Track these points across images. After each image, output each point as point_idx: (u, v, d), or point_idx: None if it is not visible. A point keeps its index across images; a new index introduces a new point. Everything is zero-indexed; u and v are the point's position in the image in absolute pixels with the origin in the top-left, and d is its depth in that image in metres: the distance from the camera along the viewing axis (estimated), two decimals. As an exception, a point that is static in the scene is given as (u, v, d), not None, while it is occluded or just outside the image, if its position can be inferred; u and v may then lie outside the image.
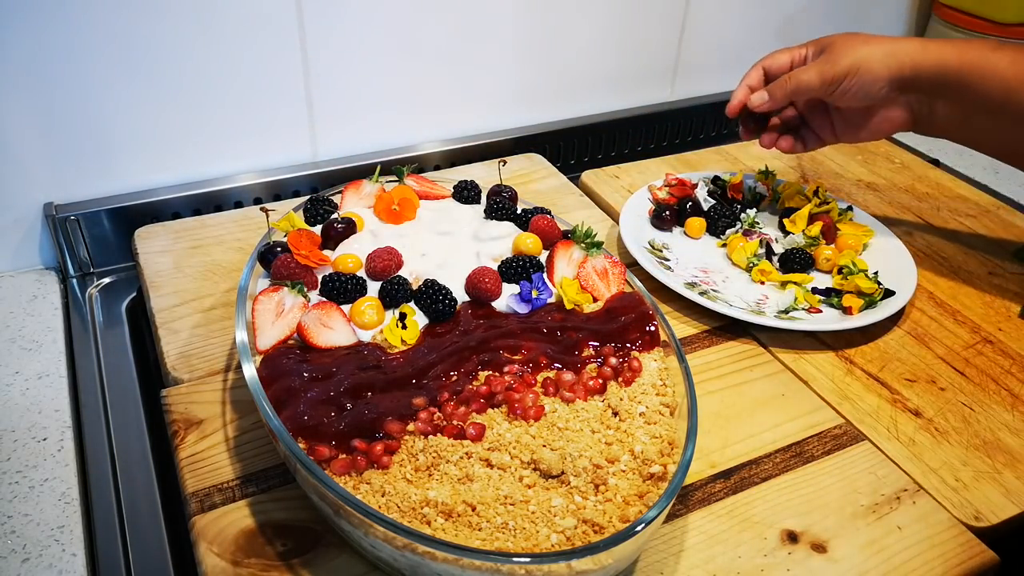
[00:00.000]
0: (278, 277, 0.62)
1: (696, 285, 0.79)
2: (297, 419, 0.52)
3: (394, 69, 0.92)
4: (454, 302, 0.63)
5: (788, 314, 0.76)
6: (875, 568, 0.55)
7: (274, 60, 0.85)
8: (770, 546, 0.56)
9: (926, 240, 0.92)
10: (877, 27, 1.25)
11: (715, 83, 1.16)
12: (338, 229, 0.69)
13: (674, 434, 0.55)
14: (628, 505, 0.50)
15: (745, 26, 1.13)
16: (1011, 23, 1.12)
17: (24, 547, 0.55)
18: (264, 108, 0.87)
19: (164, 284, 0.76)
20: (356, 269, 0.65)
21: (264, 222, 0.69)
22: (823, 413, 0.68)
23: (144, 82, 0.80)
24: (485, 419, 0.55)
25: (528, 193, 0.93)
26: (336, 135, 0.93)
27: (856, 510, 0.59)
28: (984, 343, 0.77)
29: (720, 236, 0.87)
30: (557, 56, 1.01)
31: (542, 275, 0.67)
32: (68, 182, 0.82)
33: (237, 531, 0.54)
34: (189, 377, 0.66)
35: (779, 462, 0.63)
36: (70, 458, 0.62)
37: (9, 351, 0.71)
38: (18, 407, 0.66)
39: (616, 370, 0.60)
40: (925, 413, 0.68)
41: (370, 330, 0.61)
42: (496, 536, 0.48)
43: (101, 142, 0.81)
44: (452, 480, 0.51)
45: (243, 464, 0.59)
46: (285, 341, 0.59)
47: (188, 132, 0.85)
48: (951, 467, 0.63)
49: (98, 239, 0.83)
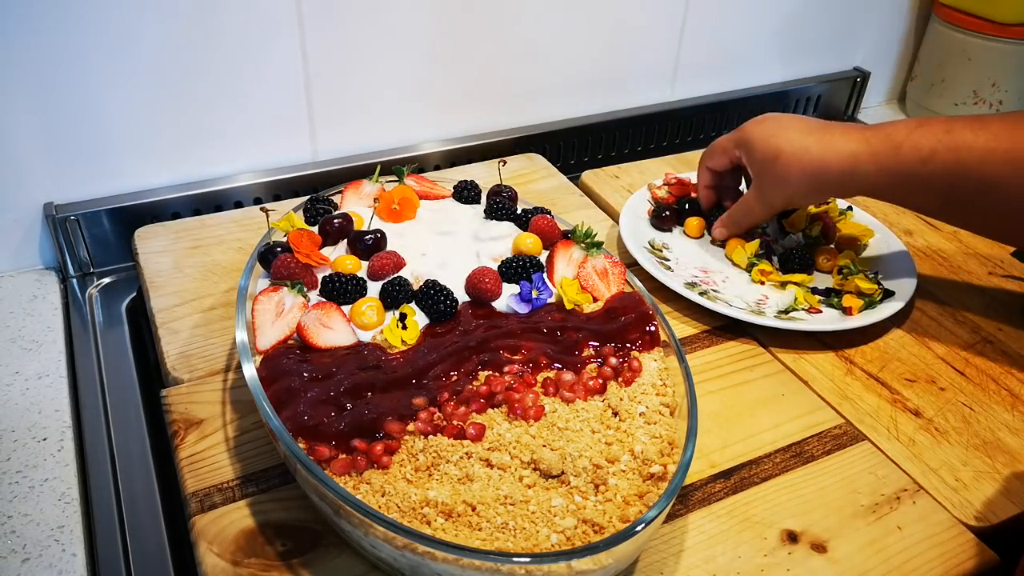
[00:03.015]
0: (278, 277, 0.62)
1: (696, 285, 0.79)
2: (297, 419, 0.52)
3: (394, 69, 0.92)
4: (455, 302, 0.63)
5: (788, 314, 0.76)
6: (875, 568, 0.55)
7: (274, 60, 0.85)
8: (770, 546, 0.56)
9: (926, 240, 0.92)
10: (877, 27, 1.25)
11: (715, 83, 1.16)
12: (335, 225, 0.68)
13: (674, 434, 0.55)
14: (628, 505, 0.50)
15: (745, 26, 1.13)
16: (1011, 23, 1.12)
17: (24, 547, 0.55)
18: (264, 108, 0.87)
19: (164, 284, 0.76)
20: (356, 269, 0.65)
21: (264, 222, 0.69)
22: (823, 413, 0.68)
23: (144, 82, 0.80)
24: (485, 419, 0.55)
25: (528, 193, 0.93)
26: (336, 135, 0.93)
27: (856, 510, 0.59)
28: (984, 343, 0.77)
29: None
30: (557, 56, 1.01)
31: (542, 275, 0.67)
32: (68, 182, 0.82)
33: (237, 531, 0.54)
34: (189, 377, 0.66)
35: (779, 462, 0.63)
36: (70, 458, 0.62)
37: (9, 351, 0.71)
38: (18, 407, 0.66)
39: (616, 370, 0.60)
40: (925, 413, 0.68)
41: (370, 331, 0.61)
42: (496, 536, 0.48)
43: (101, 142, 0.81)
44: (452, 480, 0.51)
45: (243, 464, 0.59)
46: (285, 341, 0.59)
47: (188, 132, 0.85)
48: (951, 467, 0.63)
49: (98, 239, 0.83)
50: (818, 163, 0.71)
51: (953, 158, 0.65)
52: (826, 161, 0.71)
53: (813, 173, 0.72)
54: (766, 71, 1.20)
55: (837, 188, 0.73)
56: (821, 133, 0.72)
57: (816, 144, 0.72)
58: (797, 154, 0.72)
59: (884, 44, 1.29)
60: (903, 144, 0.68)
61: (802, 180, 0.73)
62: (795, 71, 1.22)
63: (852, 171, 0.70)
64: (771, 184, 0.75)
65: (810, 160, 0.72)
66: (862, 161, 0.70)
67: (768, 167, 0.74)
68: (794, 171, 0.72)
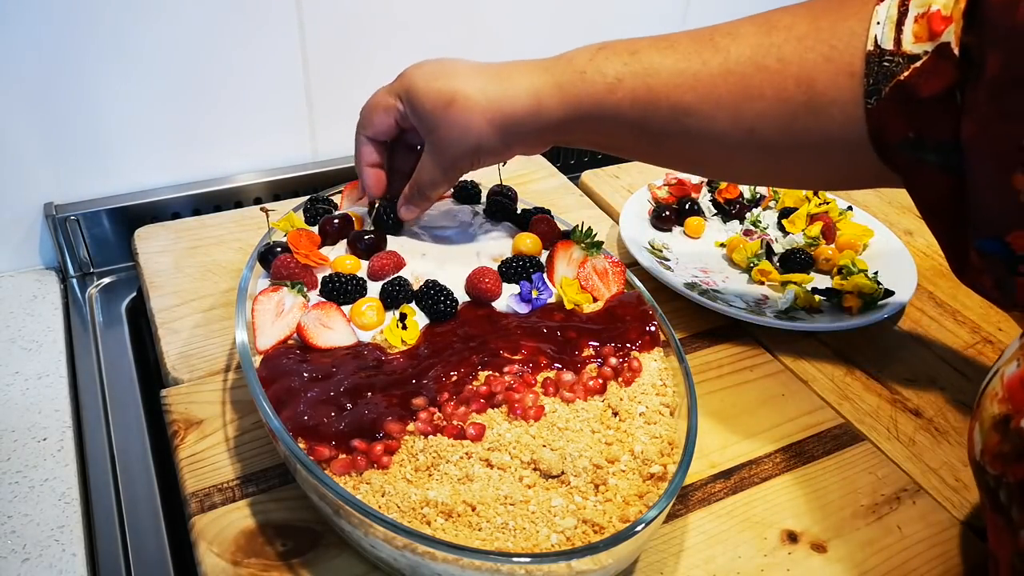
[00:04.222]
0: (278, 277, 0.62)
1: (696, 285, 0.79)
2: (297, 419, 0.52)
3: (394, 69, 0.92)
4: (455, 302, 0.63)
5: (788, 314, 0.76)
6: (875, 568, 0.55)
7: (274, 60, 0.85)
8: (770, 546, 0.56)
9: (926, 240, 0.92)
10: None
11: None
12: (335, 225, 0.68)
13: (674, 434, 0.55)
14: (628, 505, 0.50)
15: (745, 26, 1.13)
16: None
17: (24, 547, 0.55)
18: (264, 108, 0.87)
19: (164, 284, 0.76)
20: (356, 269, 0.65)
21: (264, 222, 0.69)
22: (823, 413, 0.68)
23: (144, 82, 0.80)
24: (485, 419, 0.55)
25: (528, 193, 0.93)
26: (336, 135, 0.93)
27: (856, 510, 0.59)
28: (984, 343, 0.77)
29: (724, 224, 0.88)
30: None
31: (542, 275, 0.67)
32: (68, 182, 0.82)
33: (237, 531, 0.54)
34: (189, 377, 0.66)
35: (779, 462, 0.63)
36: (70, 458, 0.62)
37: (9, 351, 0.71)
38: (18, 407, 0.66)
39: (616, 370, 0.60)
40: (925, 413, 0.68)
41: (370, 331, 0.61)
42: (496, 536, 0.48)
43: (101, 142, 0.81)
44: (452, 480, 0.51)
45: (243, 464, 0.59)
46: (285, 341, 0.59)
47: (188, 132, 0.85)
48: (951, 467, 0.63)
49: (98, 239, 0.83)
50: (500, 105, 0.59)
51: (641, 83, 0.56)
52: (509, 100, 0.59)
53: (497, 118, 0.59)
54: (766, 71, 1.20)
55: (525, 135, 0.60)
56: (498, 69, 0.60)
57: (495, 82, 0.59)
58: (475, 96, 0.59)
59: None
60: (585, 71, 0.57)
61: (486, 128, 0.59)
62: (795, 71, 1.22)
63: (536, 110, 0.59)
64: (449, 138, 0.61)
65: (490, 103, 0.59)
66: (545, 95, 0.58)
67: (441, 117, 0.60)
68: (476, 118, 0.59)
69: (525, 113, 0.59)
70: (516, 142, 0.62)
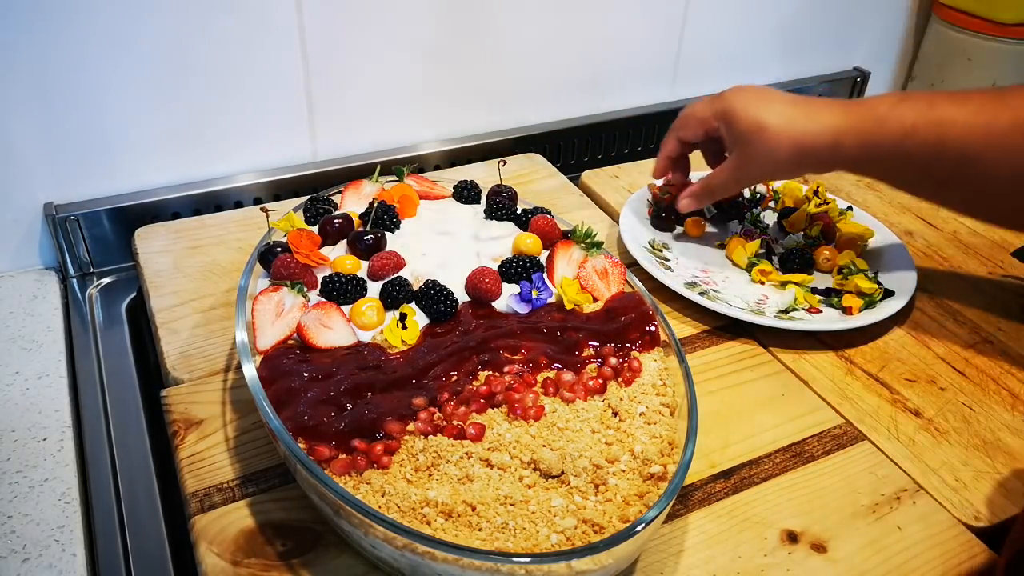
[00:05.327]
0: (278, 277, 0.62)
1: (696, 285, 0.79)
2: (297, 419, 0.52)
3: (394, 69, 0.92)
4: (455, 302, 0.63)
5: (788, 314, 0.76)
6: (875, 568, 0.55)
7: (274, 60, 0.85)
8: (770, 546, 0.56)
9: (926, 240, 0.92)
10: (877, 27, 1.25)
11: (715, 83, 1.15)
12: (335, 225, 0.68)
13: (674, 434, 0.55)
14: (628, 505, 0.50)
15: (745, 26, 1.13)
16: (1011, 23, 1.12)
17: (24, 547, 0.55)
18: (264, 108, 0.87)
19: (164, 284, 0.76)
20: (356, 269, 0.65)
21: (264, 222, 0.69)
22: (823, 413, 0.68)
23: (144, 82, 0.80)
24: (485, 419, 0.55)
25: (528, 193, 0.93)
26: (336, 135, 0.93)
27: (856, 510, 0.59)
28: (984, 343, 0.77)
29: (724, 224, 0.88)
30: (557, 55, 1.01)
31: (542, 275, 0.67)
32: (68, 182, 0.82)
33: (237, 531, 0.54)
34: (189, 377, 0.66)
35: (779, 462, 0.63)
36: (70, 458, 0.62)
37: (9, 351, 0.71)
38: (18, 407, 0.66)
39: (616, 370, 0.60)
40: (925, 413, 0.68)
41: (370, 331, 0.61)
42: (496, 536, 0.48)
43: (101, 142, 0.81)
44: (452, 480, 0.51)
45: (243, 464, 0.59)
46: (285, 341, 0.59)
47: (188, 132, 0.85)
48: (951, 467, 0.63)
49: (98, 239, 0.83)
50: (804, 137, 0.69)
51: (934, 132, 0.65)
52: (812, 135, 0.69)
53: (798, 148, 0.70)
54: (766, 71, 1.20)
55: (819, 164, 0.71)
56: (805, 106, 0.70)
57: (802, 117, 0.70)
58: (784, 127, 0.70)
59: (884, 44, 1.29)
60: (886, 118, 0.67)
61: (787, 155, 0.70)
62: (795, 71, 1.22)
63: (835, 146, 0.69)
64: (755, 157, 0.72)
65: (797, 134, 0.69)
66: (845, 135, 0.68)
67: (752, 140, 0.71)
68: (784, 144, 0.70)
69: (824, 148, 0.69)
70: (808, 168, 0.73)
